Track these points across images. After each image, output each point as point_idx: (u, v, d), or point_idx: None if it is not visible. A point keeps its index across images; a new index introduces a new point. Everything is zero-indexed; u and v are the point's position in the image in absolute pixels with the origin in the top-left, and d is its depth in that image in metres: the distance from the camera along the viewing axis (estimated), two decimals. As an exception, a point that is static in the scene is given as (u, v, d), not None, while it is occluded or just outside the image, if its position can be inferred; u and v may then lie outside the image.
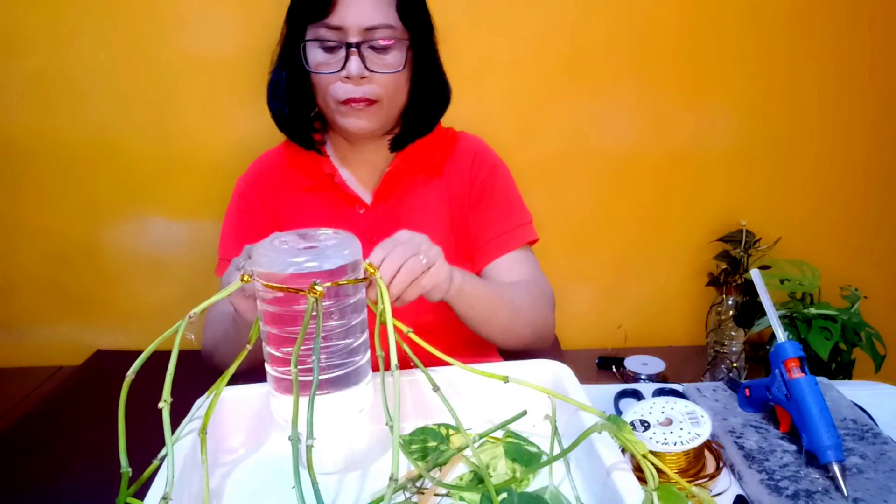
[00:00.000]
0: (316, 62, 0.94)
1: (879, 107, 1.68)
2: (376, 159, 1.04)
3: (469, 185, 1.05)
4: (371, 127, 0.96)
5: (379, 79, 0.93)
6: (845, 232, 1.76)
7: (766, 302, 0.75)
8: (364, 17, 0.90)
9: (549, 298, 1.02)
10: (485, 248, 1.04)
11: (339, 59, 0.92)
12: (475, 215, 1.05)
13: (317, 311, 0.59)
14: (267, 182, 1.06)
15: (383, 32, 0.91)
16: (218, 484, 0.68)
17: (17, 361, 1.74)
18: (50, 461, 1.26)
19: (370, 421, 0.75)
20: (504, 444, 0.69)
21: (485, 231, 1.04)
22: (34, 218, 1.66)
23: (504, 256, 1.03)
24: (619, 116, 1.67)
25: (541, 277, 1.04)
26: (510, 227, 1.04)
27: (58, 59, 1.55)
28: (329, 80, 0.93)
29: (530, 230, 1.06)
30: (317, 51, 0.93)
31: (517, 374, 0.78)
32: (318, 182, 1.04)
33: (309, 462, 0.56)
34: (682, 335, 1.82)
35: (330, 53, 0.92)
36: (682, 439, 0.66)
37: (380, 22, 0.91)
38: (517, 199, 1.09)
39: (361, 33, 0.91)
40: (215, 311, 0.95)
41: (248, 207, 1.06)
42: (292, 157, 1.07)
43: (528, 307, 0.96)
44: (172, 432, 0.57)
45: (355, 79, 0.91)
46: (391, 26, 0.92)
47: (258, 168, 1.09)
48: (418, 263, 0.71)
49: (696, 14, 1.60)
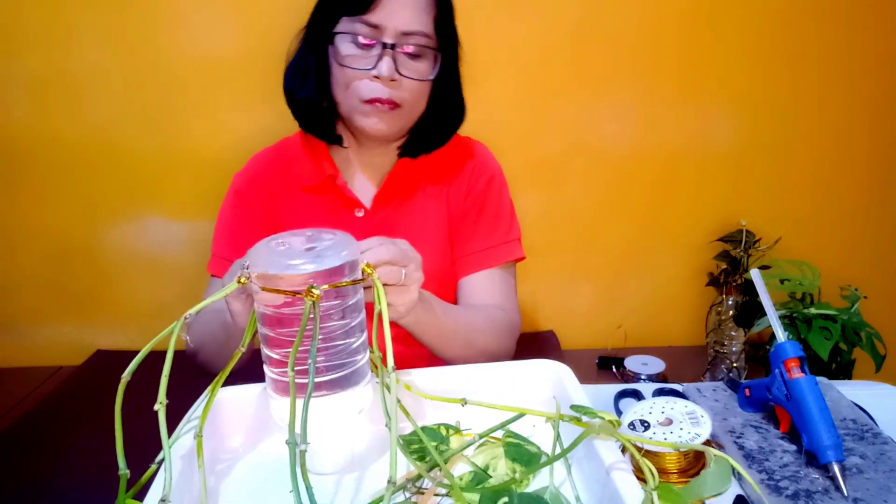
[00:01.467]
0: (345, 56, 0.91)
1: (880, 107, 1.68)
2: (381, 163, 1.04)
3: (465, 194, 1.05)
4: (389, 131, 0.95)
5: (406, 84, 0.92)
6: (845, 232, 1.76)
7: (766, 302, 0.75)
8: (404, 21, 0.89)
9: (512, 328, 1.01)
10: (464, 261, 1.03)
11: (371, 56, 0.90)
12: (463, 225, 1.05)
13: (314, 313, 0.59)
14: (264, 180, 1.05)
15: (418, 39, 0.91)
16: (217, 484, 0.68)
17: (17, 361, 1.74)
18: (50, 461, 1.26)
19: (369, 421, 0.75)
20: (504, 445, 0.69)
21: (468, 243, 1.04)
22: (34, 218, 1.66)
23: (481, 273, 1.02)
24: (619, 116, 1.66)
25: (510, 303, 1.03)
26: (494, 244, 1.03)
27: (58, 60, 1.55)
28: (356, 75, 0.91)
29: (515, 248, 1.05)
30: (348, 44, 0.91)
31: (516, 374, 0.78)
32: (318, 183, 1.03)
33: (303, 467, 0.55)
34: (682, 335, 1.82)
35: (363, 49, 0.91)
36: (682, 439, 0.66)
37: (417, 28, 0.90)
38: (507, 214, 1.07)
39: (398, 36, 0.90)
40: (204, 310, 0.94)
41: (244, 205, 1.04)
42: (293, 155, 1.05)
43: (484, 338, 0.95)
44: (170, 433, 0.57)
45: (385, 80, 0.90)
46: (427, 35, 0.92)
47: (256, 166, 1.07)
48: (398, 273, 0.70)
49: (696, 14, 1.59)
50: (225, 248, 1.03)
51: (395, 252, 0.69)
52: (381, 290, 0.66)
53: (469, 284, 1.03)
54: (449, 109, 1.01)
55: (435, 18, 0.93)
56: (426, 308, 0.82)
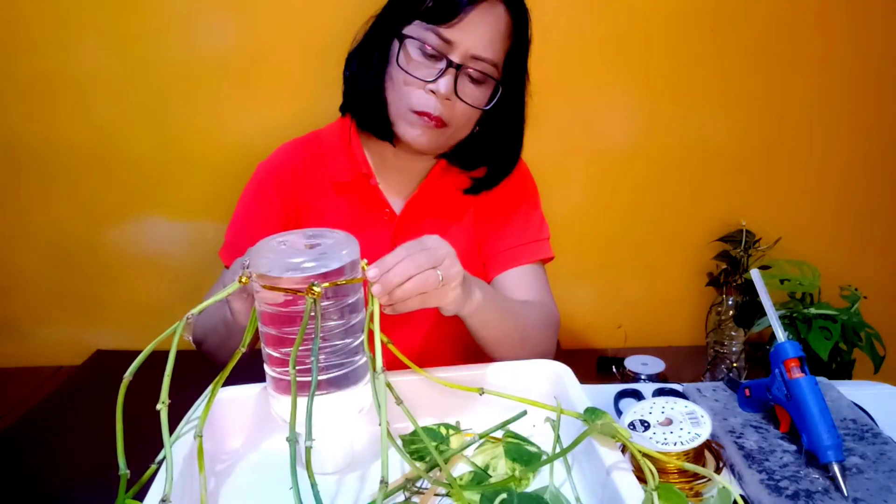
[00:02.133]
0: (408, 59, 0.89)
1: (880, 107, 1.68)
2: (417, 168, 1.02)
3: (496, 199, 1.05)
4: (430, 147, 0.94)
5: (459, 106, 0.90)
6: (845, 232, 1.76)
7: (766, 302, 0.75)
8: (478, 46, 0.88)
9: (555, 323, 1.00)
10: (498, 258, 1.03)
11: (434, 69, 0.88)
12: (493, 225, 1.05)
13: (315, 311, 0.59)
14: (290, 174, 1.01)
15: (485, 66, 0.89)
16: (217, 484, 0.68)
17: (17, 361, 1.74)
18: (50, 461, 1.26)
19: (369, 421, 0.75)
20: (504, 444, 0.69)
21: (501, 240, 1.03)
22: (34, 218, 1.66)
23: (515, 269, 1.01)
24: (618, 116, 1.66)
25: (549, 299, 1.03)
26: (526, 241, 1.03)
27: (58, 60, 1.55)
28: (413, 82, 0.89)
29: (546, 247, 1.05)
30: (414, 50, 0.89)
31: (517, 374, 0.78)
32: (351, 180, 1.00)
33: (308, 463, 0.56)
34: (682, 335, 1.82)
35: (428, 59, 0.88)
36: (682, 439, 0.66)
37: (488, 56, 0.89)
38: (538, 215, 1.08)
39: (466, 57, 0.88)
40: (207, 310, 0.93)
41: (264, 197, 1.00)
42: (326, 149, 1.02)
43: (535, 332, 0.94)
44: (171, 433, 0.57)
45: (440, 97, 0.88)
46: (495, 64, 0.90)
47: (282, 158, 1.03)
48: (433, 277, 0.68)
49: (696, 14, 1.59)
50: (240, 237, 1.00)
51: (423, 260, 0.68)
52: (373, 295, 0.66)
53: (505, 281, 1.01)
54: (507, 143, 1.01)
55: (508, 50, 0.92)
56: (485, 293, 0.81)
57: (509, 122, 1.00)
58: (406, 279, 0.66)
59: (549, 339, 0.97)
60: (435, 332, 1.03)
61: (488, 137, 0.99)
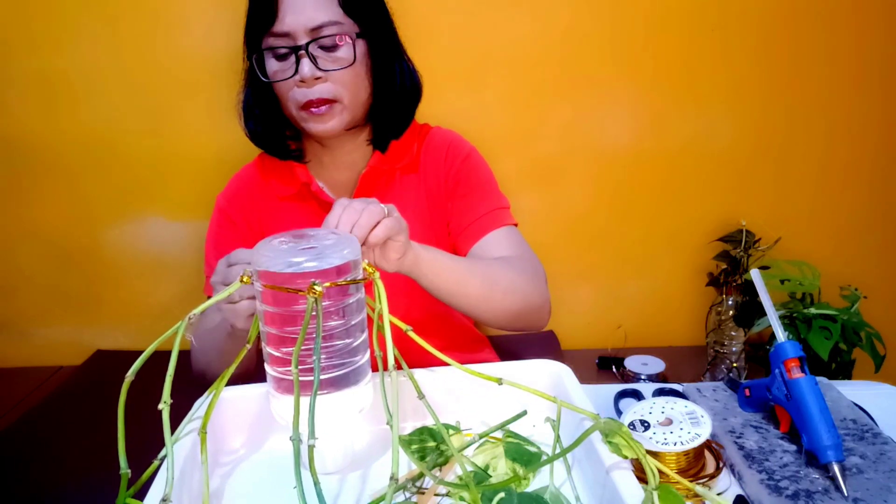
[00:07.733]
0: (272, 71, 0.94)
1: (880, 107, 1.68)
2: (353, 160, 1.04)
3: (444, 178, 1.05)
4: (336, 127, 0.95)
5: (334, 77, 0.92)
6: (845, 232, 1.76)
7: (766, 302, 0.75)
8: (307, 18, 0.90)
9: (536, 270, 0.99)
10: (467, 232, 1.03)
11: (291, 64, 0.91)
12: (454, 204, 1.05)
13: (317, 311, 0.59)
14: (244, 195, 1.07)
15: (330, 30, 0.91)
16: (218, 484, 0.68)
17: (17, 361, 1.74)
18: (50, 461, 1.26)
19: (370, 421, 0.75)
20: (504, 444, 0.69)
21: (465, 216, 1.04)
22: (34, 218, 1.66)
23: (488, 235, 1.02)
24: (618, 116, 1.66)
25: (528, 253, 1.02)
26: (489, 210, 1.04)
27: (58, 60, 1.55)
28: (287, 86, 0.93)
29: (508, 214, 1.05)
30: (271, 60, 0.94)
31: (516, 374, 0.78)
32: (294, 191, 1.04)
33: (311, 462, 0.56)
34: (682, 335, 1.82)
35: (283, 61, 0.92)
36: (682, 439, 0.66)
37: (324, 20, 0.90)
38: (493, 186, 1.08)
39: (308, 34, 0.90)
40: (204, 333, 0.91)
41: (228, 223, 1.06)
42: (268, 168, 1.07)
43: (508, 276, 0.93)
44: (172, 433, 0.57)
45: (309, 81, 0.91)
46: (337, 22, 0.91)
47: (235, 183, 1.10)
48: (377, 208, 0.71)
49: (696, 14, 1.59)
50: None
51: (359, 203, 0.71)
52: (382, 288, 0.66)
53: (481, 248, 1.01)
54: (399, 87, 1.00)
55: (340, 3, 0.92)
56: (423, 246, 0.81)
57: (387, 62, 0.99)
58: (357, 217, 0.69)
59: (531, 287, 0.95)
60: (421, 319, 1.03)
61: (383, 89, 0.99)
